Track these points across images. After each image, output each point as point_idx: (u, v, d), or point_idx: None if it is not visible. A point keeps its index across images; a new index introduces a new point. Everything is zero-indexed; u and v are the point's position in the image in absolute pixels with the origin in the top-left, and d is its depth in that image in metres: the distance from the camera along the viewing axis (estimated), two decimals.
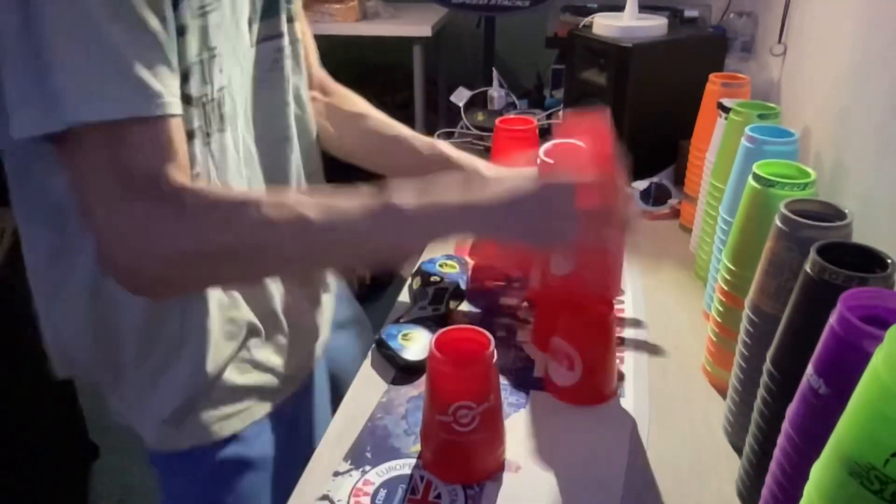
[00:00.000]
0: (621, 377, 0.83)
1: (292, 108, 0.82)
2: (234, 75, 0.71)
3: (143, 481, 1.89)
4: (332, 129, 0.94)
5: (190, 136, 0.66)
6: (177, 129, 0.61)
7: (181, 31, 0.62)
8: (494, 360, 0.66)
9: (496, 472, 0.70)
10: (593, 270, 0.74)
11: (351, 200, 0.65)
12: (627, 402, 0.80)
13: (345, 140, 0.95)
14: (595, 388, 0.79)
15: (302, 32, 0.86)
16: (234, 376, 0.77)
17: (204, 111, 0.67)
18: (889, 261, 0.57)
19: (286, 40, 0.79)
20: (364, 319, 1.11)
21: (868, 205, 0.85)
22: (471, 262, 1.05)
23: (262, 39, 0.76)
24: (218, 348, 0.75)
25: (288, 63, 0.80)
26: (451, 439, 0.67)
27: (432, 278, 0.99)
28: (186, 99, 0.64)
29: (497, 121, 1.08)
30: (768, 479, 0.57)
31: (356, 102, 0.97)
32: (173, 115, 0.61)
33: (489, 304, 0.98)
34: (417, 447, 0.73)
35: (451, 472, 0.70)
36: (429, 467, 0.70)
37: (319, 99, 0.95)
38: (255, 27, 0.75)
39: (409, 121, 2.92)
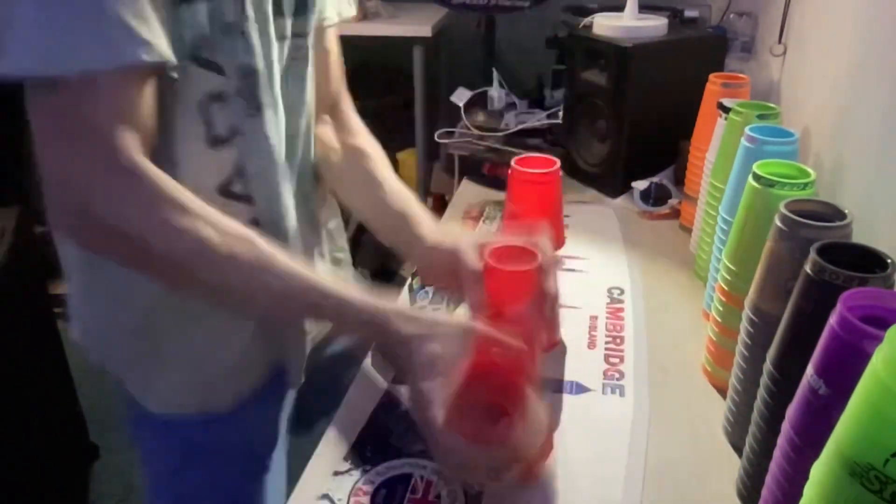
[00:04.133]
0: (622, 380, 0.83)
1: (307, 108, 0.82)
2: (260, 64, 0.70)
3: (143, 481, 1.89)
4: (329, 156, 0.91)
5: (219, 98, 0.67)
6: (144, 84, 0.60)
7: None
8: None
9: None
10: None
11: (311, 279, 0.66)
12: (628, 401, 0.80)
13: (335, 173, 0.92)
14: None
15: (329, 47, 0.87)
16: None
17: (248, 80, 0.68)
18: (889, 261, 0.57)
19: (309, 41, 0.78)
20: None
21: (868, 205, 0.85)
22: None
23: (291, 36, 0.76)
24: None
25: (303, 64, 0.79)
26: None
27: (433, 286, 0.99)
28: (217, 67, 0.65)
29: (514, 161, 0.94)
30: (768, 479, 0.57)
31: (362, 141, 0.93)
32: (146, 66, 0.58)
33: None
34: (418, 447, 0.73)
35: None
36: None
37: (326, 122, 0.93)
38: (287, 22, 0.74)
39: (409, 121, 2.91)
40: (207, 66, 0.66)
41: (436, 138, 1.64)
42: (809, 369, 0.51)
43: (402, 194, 0.86)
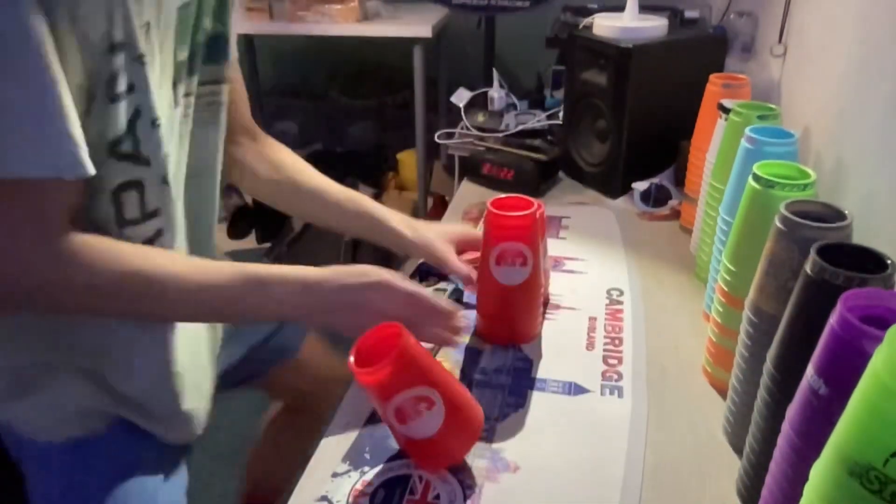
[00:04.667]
0: (620, 376, 0.83)
1: (201, 166, 0.86)
2: (168, 130, 0.74)
3: None
4: (256, 173, 0.99)
5: (136, 186, 0.70)
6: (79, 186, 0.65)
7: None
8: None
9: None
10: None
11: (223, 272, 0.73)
12: (627, 402, 0.80)
13: (266, 186, 1.00)
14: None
15: (235, 84, 0.92)
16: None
17: (157, 165, 0.72)
18: (889, 261, 0.56)
19: (193, 107, 0.82)
20: None
21: (868, 205, 0.85)
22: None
23: (183, 97, 0.79)
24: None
25: (195, 122, 0.83)
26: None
27: (431, 279, 0.99)
28: (142, 159, 0.69)
29: (489, 203, 0.86)
30: (768, 479, 0.57)
31: (281, 150, 1.02)
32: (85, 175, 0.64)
33: None
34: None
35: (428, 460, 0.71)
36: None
37: (248, 145, 0.99)
38: (178, 88, 0.77)
39: (409, 121, 2.92)
40: (127, 159, 0.69)
41: (436, 139, 1.64)
42: (809, 369, 0.51)
43: (350, 195, 0.99)
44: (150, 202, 0.72)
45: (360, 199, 0.99)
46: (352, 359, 0.65)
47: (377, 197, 2.75)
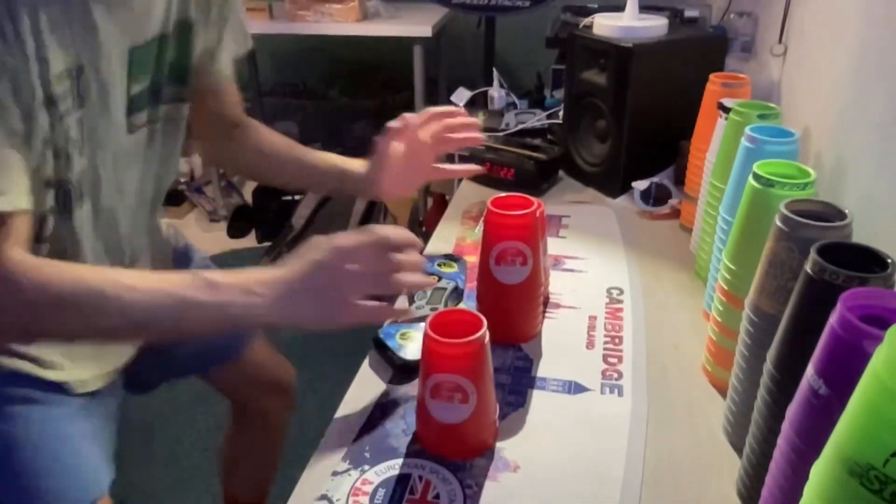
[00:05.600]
0: (621, 375, 0.83)
1: (160, 172, 0.91)
2: (102, 158, 0.78)
3: (144, 481, 1.89)
4: (247, 160, 1.09)
5: (45, 214, 0.74)
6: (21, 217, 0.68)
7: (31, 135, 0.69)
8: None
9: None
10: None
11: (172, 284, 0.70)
12: (627, 401, 0.80)
13: (257, 167, 1.10)
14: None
15: (229, 86, 1.02)
16: None
17: (62, 192, 0.75)
18: (889, 261, 0.56)
19: (159, 125, 0.87)
20: None
21: (868, 205, 0.85)
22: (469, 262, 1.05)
23: (146, 122, 0.84)
24: None
25: (160, 138, 0.88)
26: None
27: (431, 278, 0.99)
28: (46, 182, 0.73)
29: (489, 202, 0.86)
30: (768, 479, 0.57)
31: (261, 132, 1.08)
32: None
33: None
34: (416, 447, 0.73)
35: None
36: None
37: (240, 137, 1.06)
38: (138, 116, 0.81)
39: None
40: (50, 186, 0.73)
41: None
42: (809, 369, 0.51)
43: (320, 154, 1.07)
44: (59, 223, 0.77)
45: (330, 157, 1.07)
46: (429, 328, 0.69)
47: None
